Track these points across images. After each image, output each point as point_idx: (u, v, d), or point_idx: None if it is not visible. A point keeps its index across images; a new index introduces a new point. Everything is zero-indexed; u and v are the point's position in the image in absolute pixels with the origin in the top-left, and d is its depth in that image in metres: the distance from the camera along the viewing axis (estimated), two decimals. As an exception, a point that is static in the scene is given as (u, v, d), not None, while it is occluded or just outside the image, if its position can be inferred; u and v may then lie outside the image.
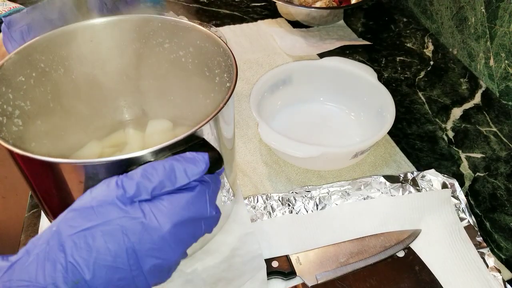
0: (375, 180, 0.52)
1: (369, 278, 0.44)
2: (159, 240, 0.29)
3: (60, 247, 0.27)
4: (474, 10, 0.70)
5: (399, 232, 0.47)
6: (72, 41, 0.43)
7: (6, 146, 0.31)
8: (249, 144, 0.59)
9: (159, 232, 0.28)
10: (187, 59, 0.45)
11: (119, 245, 0.28)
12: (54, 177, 0.33)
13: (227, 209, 0.46)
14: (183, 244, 0.31)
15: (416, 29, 0.84)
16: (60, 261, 0.27)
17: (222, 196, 0.42)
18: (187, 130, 0.49)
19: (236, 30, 0.82)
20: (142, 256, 0.28)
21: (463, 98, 0.69)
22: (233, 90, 0.37)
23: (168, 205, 0.29)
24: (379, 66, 0.75)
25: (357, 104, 0.62)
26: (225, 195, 0.43)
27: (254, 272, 0.43)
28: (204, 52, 0.43)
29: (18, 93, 0.39)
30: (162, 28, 0.44)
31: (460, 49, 0.76)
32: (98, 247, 0.27)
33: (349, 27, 0.84)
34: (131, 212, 0.28)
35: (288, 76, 0.62)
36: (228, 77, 0.40)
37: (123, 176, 0.29)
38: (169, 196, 0.29)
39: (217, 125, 0.36)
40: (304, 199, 0.50)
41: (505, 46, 0.65)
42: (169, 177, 0.29)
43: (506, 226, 0.51)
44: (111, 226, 0.28)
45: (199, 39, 0.43)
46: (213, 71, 0.43)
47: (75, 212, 0.28)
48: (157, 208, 0.29)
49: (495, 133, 0.62)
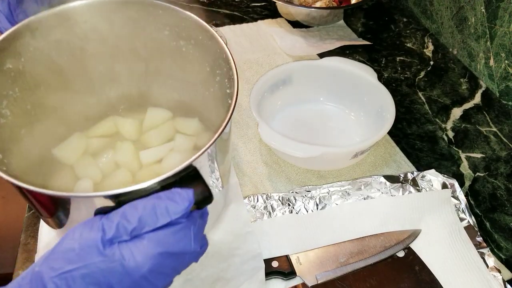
0: (375, 180, 0.52)
1: (369, 278, 0.44)
2: (140, 279, 0.29)
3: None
4: (474, 10, 0.70)
5: (399, 232, 0.47)
6: (66, 22, 0.41)
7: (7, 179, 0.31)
8: (249, 144, 0.59)
9: (139, 272, 0.29)
10: (188, 49, 0.44)
11: (99, 286, 0.28)
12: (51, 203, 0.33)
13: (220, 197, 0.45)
14: (165, 278, 0.31)
15: (416, 29, 0.84)
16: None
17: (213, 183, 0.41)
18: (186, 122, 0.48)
19: (236, 30, 0.82)
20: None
21: (463, 98, 0.69)
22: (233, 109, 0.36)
23: (148, 244, 0.29)
24: (379, 66, 0.75)
25: (357, 104, 0.62)
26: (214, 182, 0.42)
27: (253, 272, 0.42)
28: (207, 50, 0.42)
29: (5, 82, 0.39)
30: (164, 15, 0.43)
31: (460, 49, 0.76)
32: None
33: (349, 27, 0.84)
34: (110, 255, 0.28)
35: (288, 76, 0.62)
36: (229, 84, 0.40)
37: (105, 218, 0.29)
38: (150, 234, 0.29)
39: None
40: (304, 199, 0.50)
41: (505, 46, 0.65)
42: (150, 216, 0.29)
43: (506, 226, 0.51)
44: (92, 269, 0.28)
45: (201, 35, 0.42)
46: (214, 70, 0.43)
47: (58, 254, 0.29)
48: (137, 247, 0.29)
49: (495, 133, 0.62)
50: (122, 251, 0.29)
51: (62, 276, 0.28)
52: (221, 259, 0.44)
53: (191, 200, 0.30)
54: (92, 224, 0.29)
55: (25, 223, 0.50)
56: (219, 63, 0.41)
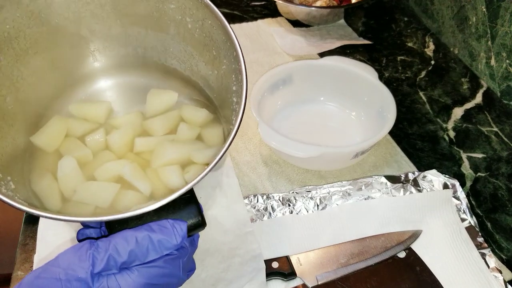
0: (376, 180, 0.52)
1: (370, 279, 0.44)
2: None
3: None
4: (475, 9, 0.70)
5: (400, 233, 0.47)
6: None
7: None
8: (249, 144, 0.59)
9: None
10: (194, 27, 0.42)
11: None
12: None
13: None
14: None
15: (417, 28, 0.84)
16: None
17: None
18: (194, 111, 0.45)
19: (236, 29, 0.81)
20: None
21: (464, 98, 0.68)
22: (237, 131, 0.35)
23: (137, 277, 0.29)
24: (380, 65, 0.75)
25: (358, 104, 0.61)
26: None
27: (254, 273, 0.42)
28: (215, 39, 0.41)
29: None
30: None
31: (461, 49, 0.76)
32: None
33: (350, 26, 0.83)
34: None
35: (288, 75, 0.61)
36: (236, 80, 0.39)
37: (94, 248, 0.29)
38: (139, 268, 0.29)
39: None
40: (304, 199, 0.50)
41: (506, 46, 0.65)
42: (140, 251, 0.29)
43: (507, 226, 0.51)
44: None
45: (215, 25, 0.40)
46: (221, 58, 0.41)
47: (42, 280, 0.28)
48: (124, 280, 0.28)
49: (496, 133, 0.62)
50: (109, 284, 0.28)
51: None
52: (221, 259, 0.44)
53: (185, 236, 0.30)
54: (81, 254, 0.28)
55: (24, 223, 0.50)
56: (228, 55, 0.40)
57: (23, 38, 0.41)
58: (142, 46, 0.47)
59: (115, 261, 0.28)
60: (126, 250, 0.28)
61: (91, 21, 0.44)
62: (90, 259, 0.28)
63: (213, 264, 0.44)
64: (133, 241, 0.29)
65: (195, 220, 0.31)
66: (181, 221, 0.30)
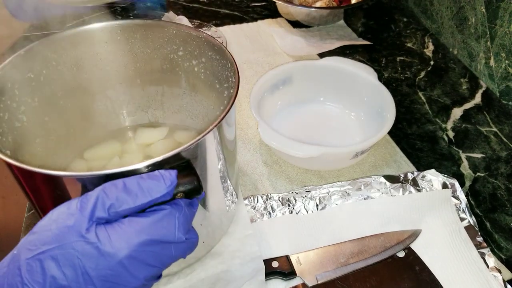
0: (375, 180, 0.52)
1: (369, 278, 0.44)
2: (117, 266, 0.27)
3: (17, 271, 0.26)
4: (474, 10, 0.70)
5: (400, 232, 0.47)
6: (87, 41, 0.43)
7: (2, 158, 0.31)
8: (249, 144, 0.59)
9: (116, 257, 0.27)
10: (199, 69, 0.46)
11: (74, 269, 0.27)
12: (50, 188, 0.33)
13: (231, 212, 0.45)
14: (147, 268, 0.29)
15: (416, 29, 0.84)
16: (17, 285, 0.26)
17: (226, 200, 0.42)
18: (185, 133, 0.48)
19: (236, 30, 0.82)
20: (98, 282, 0.27)
21: (464, 98, 0.69)
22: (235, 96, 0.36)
23: (127, 228, 0.28)
24: (379, 66, 0.75)
25: (357, 104, 0.62)
26: (228, 199, 0.43)
27: (253, 273, 0.42)
28: (215, 64, 0.43)
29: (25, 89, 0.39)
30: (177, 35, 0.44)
31: (460, 49, 0.76)
32: (53, 272, 0.26)
33: (349, 27, 0.84)
34: (87, 236, 0.27)
35: (288, 76, 0.62)
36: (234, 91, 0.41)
37: (83, 196, 0.28)
38: (130, 218, 0.28)
39: (220, 130, 0.36)
40: (304, 199, 0.50)
41: (505, 46, 0.65)
42: (129, 193, 0.28)
43: (506, 226, 0.51)
44: (66, 250, 0.27)
45: (210, 50, 0.43)
46: (223, 84, 0.43)
47: (34, 235, 0.27)
48: (114, 230, 0.27)
49: (496, 133, 0.62)
50: (98, 233, 0.27)
51: (36, 257, 0.26)
52: (221, 261, 0.44)
53: (174, 180, 0.29)
54: (70, 203, 0.28)
55: (25, 223, 0.50)
56: (226, 75, 0.42)
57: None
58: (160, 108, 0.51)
59: (103, 203, 0.27)
60: (114, 193, 0.28)
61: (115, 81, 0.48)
62: (78, 205, 0.28)
63: (213, 264, 0.44)
64: (120, 185, 0.28)
65: (191, 186, 0.31)
66: (171, 170, 0.30)
